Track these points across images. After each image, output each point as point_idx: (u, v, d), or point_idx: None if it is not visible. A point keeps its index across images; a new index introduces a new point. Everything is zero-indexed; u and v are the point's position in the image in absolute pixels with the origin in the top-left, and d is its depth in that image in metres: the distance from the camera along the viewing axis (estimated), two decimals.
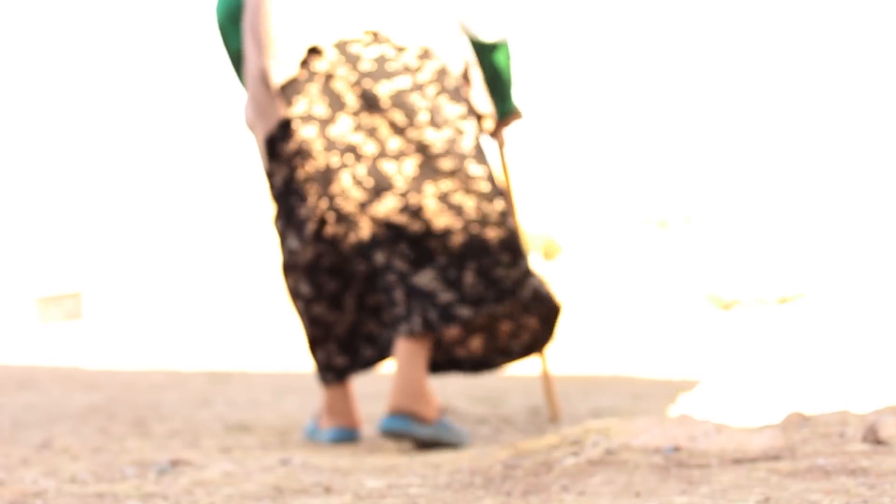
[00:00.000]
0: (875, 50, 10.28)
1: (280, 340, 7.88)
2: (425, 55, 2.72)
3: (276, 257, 2.99)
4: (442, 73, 2.73)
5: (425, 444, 2.63)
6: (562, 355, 6.08)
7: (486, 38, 2.94)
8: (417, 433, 2.61)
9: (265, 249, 9.94)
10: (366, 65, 2.69)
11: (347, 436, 2.88)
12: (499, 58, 2.99)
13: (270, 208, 2.96)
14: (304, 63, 2.71)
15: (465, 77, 2.84)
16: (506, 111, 3.10)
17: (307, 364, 5.91)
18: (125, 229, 10.45)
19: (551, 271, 9.19)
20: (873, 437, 1.76)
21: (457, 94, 2.74)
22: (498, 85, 3.03)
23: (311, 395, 4.13)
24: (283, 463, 2.16)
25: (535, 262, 9.24)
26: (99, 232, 10.49)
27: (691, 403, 3.46)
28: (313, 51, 2.71)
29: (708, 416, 2.11)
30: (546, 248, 9.84)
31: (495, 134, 3.13)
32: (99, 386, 4.86)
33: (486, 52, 2.97)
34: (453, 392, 4.25)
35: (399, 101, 2.68)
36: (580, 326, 7.62)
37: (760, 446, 1.81)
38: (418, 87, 2.69)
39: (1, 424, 3.32)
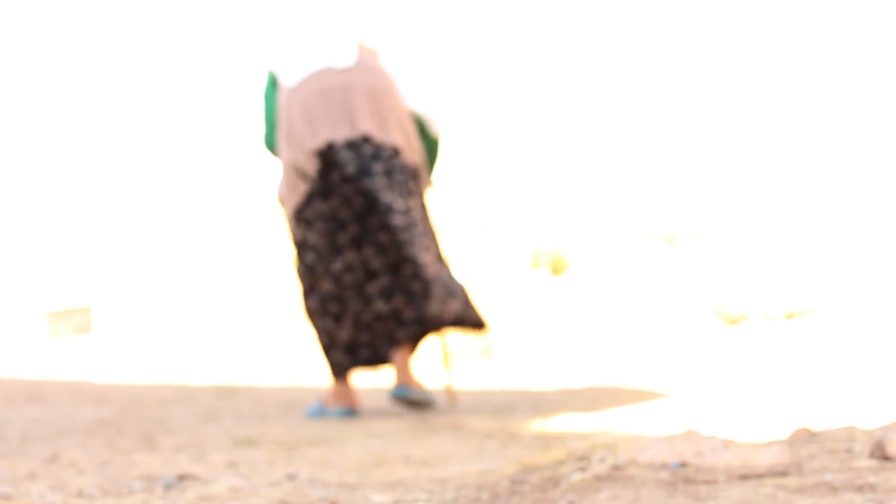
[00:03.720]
0: (888, 65, 10.29)
1: (287, 355, 7.88)
2: (395, 153, 4.07)
3: (297, 286, 4.11)
4: (402, 167, 4.07)
5: (417, 403, 4.02)
6: (569, 369, 6.08)
7: (435, 133, 4.35)
8: (412, 395, 3.99)
9: (273, 265, 9.96)
10: (362, 157, 3.99)
11: (350, 413, 3.98)
12: (435, 145, 4.36)
13: (292, 254, 4.09)
14: (322, 154, 3.97)
15: (421, 165, 4.23)
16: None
17: (313, 379, 5.92)
18: (135, 245, 10.48)
19: (558, 286, 9.18)
20: (881, 453, 1.76)
21: (402, 182, 4.04)
22: (428, 160, 4.36)
23: None
24: (289, 478, 2.16)
25: (540, 279, 9.24)
26: (109, 247, 10.52)
27: (698, 418, 3.46)
28: (330, 146, 3.99)
29: (715, 432, 2.11)
30: (553, 263, 9.84)
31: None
32: (107, 400, 4.87)
33: (428, 140, 4.36)
34: (461, 407, 4.25)
35: (377, 182, 3.97)
36: (587, 341, 7.61)
37: (767, 462, 1.81)
38: (387, 173, 3.99)
39: (9, 438, 3.33)
